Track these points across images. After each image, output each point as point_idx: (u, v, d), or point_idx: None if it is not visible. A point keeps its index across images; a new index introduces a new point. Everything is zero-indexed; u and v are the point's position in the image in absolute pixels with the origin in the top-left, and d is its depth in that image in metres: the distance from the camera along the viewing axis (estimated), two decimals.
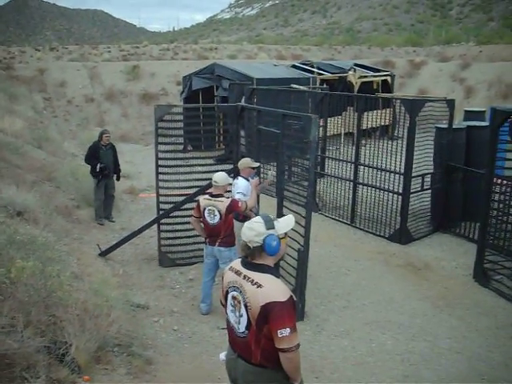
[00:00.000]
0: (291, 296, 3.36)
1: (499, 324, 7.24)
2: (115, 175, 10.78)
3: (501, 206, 8.53)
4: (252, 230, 3.46)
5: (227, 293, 3.57)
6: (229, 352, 3.70)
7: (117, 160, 10.78)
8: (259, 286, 3.33)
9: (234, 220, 7.54)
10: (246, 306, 3.38)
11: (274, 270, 3.54)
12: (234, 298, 3.50)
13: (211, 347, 6.37)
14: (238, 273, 3.51)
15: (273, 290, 3.32)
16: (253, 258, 3.46)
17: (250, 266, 3.47)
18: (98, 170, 10.21)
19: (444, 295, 8.08)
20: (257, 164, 8.12)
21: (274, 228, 3.48)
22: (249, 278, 3.41)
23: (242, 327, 3.46)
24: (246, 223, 3.53)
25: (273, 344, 3.31)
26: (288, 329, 3.25)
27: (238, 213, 7.43)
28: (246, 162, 7.90)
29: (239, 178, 7.83)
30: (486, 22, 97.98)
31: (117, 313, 5.83)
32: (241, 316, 3.44)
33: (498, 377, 6.00)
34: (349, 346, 6.57)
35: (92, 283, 6.35)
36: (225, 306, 3.65)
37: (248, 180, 7.76)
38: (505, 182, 8.48)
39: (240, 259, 3.64)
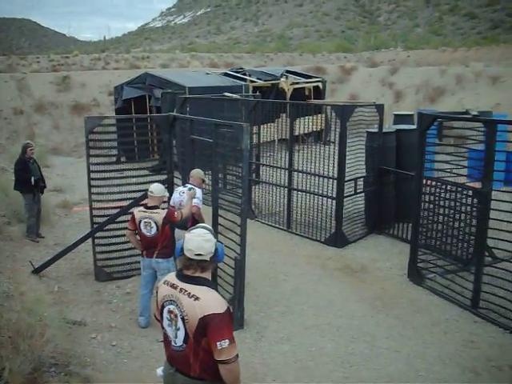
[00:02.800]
0: (228, 307, 3.36)
1: (434, 321, 7.46)
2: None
3: (431, 206, 8.79)
4: (209, 242, 3.47)
5: (163, 307, 3.52)
6: (166, 367, 3.65)
7: (41, 172, 10.50)
8: (196, 298, 3.31)
9: (180, 229, 7.52)
10: (183, 319, 3.35)
11: (210, 282, 3.53)
12: (170, 311, 3.46)
13: (151, 361, 6.28)
14: (173, 286, 3.46)
15: (210, 301, 3.31)
16: (195, 271, 3.43)
17: (185, 278, 3.44)
18: (33, 183, 9.91)
19: (381, 296, 8.25)
20: (206, 180, 8.10)
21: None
22: (185, 290, 3.38)
23: (179, 341, 3.43)
24: (196, 237, 3.45)
25: (211, 356, 3.30)
26: (227, 340, 3.25)
27: (186, 221, 7.39)
28: (200, 173, 7.90)
29: (190, 185, 7.73)
30: (413, 28, 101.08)
31: (52, 331, 5.70)
32: (178, 329, 3.41)
33: (434, 371, 6.18)
34: (289, 352, 6.61)
35: (25, 302, 6.17)
36: (160, 320, 3.61)
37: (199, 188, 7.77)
38: (434, 183, 8.75)
39: (174, 273, 3.60)
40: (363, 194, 11.00)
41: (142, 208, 7.07)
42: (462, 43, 59.30)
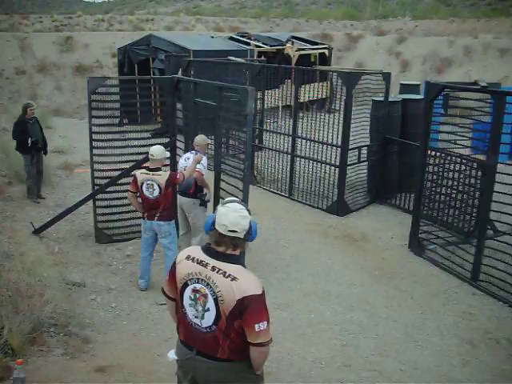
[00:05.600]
0: (264, 288, 3.18)
1: (433, 292, 7.49)
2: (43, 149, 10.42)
3: (434, 177, 8.73)
4: (245, 218, 3.21)
5: (186, 285, 3.26)
6: (182, 351, 3.40)
7: (43, 133, 10.42)
8: (234, 278, 3.09)
9: (181, 195, 7.56)
10: (215, 300, 3.12)
11: (242, 259, 3.34)
12: (196, 290, 3.21)
13: (150, 323, 6.31)
14: (202, 263, 3.21)
15: (248, 282, 3.11)
16: (226, 248, 3.20)
17: (218, 255, 3.20)
18: (29, 144, 9.84)
19: (381, 265, 8.27)
20: (209, 140, 8.02)
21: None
22: (219, 269, 3.14)
23: (207, 322, 3.19)
24: (232, 212, 3.19)
25: (242, 338, 3.14)
26: (265, 322, 3.10)
27: (187, 188, 7.40)
28: (205, 139, 7.75)
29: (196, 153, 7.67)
30: None
31: (52, 292, 5.71)
32: (207, 310, 3.18)
33: (431, 342, 6.22)
34: (288, 318, 6.64)
35: (25, 262, 6.17)
36: (175, 298, 3.40)
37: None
38: (438, 154, 8.68)
39: (199, 247, 3.36)
40: (366, 162, 10.93)
41: (144, 170, 7.03)
42: (471, 14, 58.38)
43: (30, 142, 9.80)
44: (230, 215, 3.17)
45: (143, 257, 7.20)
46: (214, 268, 3.15)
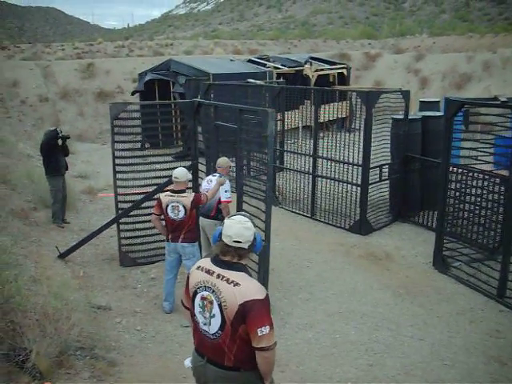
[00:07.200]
0: (267, 294, 3.31)
1: (459, 309, 7.39)
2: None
3: (457, 194, 8.68)
4: (249, 230, 3.42)
5: (195, 293, 3.45)
6: (195, 358, 3.58)
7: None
8: (236, 284, 3.25)
9: (203, 217, 7.64)
10: (220, 306, 3.28)
11: (247, 269, 3.47)
12: (203, 298, 3.39)
13: (175, 346, 6.33)
14: (209, 272, 3.40)
15: (251, 288, 3.26)
16: (232, 257, 3.39)
17: (223, 264, 3.38)
18: (60, 135, 10.03)
19: (405, 284, 8.20)
20: (231, 163, 8.11)
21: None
22: (223, 276, 3.32)
23: (213, 328, 3.35)
24: (236, 223, 3.40)
25: (248, 344, 3.25)
26: (268, 326, 3.20)
27: (209, 210, 7.53)
28: (227, 161, 7.87)
29: (220, 174, 7.76)
30: (439, 14, 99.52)
31: (78, 315, 5.74)
32: (212, 317, 3.34)
33: (459, 361, 6.13)
34: (313, 339, 6.61)
35: (51, 286, 6.22)
36: (189, 307, 3.54)
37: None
38: (460, 170, 8.63)
39: (208, 258, 3.54)
40: (388, 181, 10.91)
41: (168, 193, 7.12)
42: (489, 29, 58.26)
43: (60, 133, 10.02)
44: (235, 227, 3.38)
45: (167, 279, 7.25)
46: (219, 275, 3.34)
